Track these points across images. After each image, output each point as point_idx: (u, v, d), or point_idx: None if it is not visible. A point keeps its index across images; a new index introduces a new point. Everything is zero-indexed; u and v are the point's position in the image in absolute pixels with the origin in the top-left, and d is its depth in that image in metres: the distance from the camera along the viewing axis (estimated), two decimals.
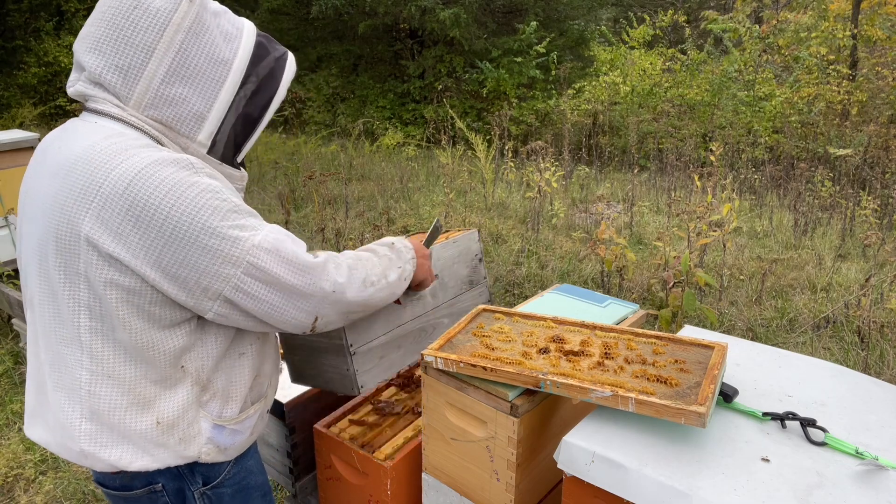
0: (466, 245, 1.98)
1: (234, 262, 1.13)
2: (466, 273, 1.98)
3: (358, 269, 1.33)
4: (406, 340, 1.76)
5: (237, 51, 1.23)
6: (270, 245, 1.17)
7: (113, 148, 1.12)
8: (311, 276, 1.22)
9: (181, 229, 1.09)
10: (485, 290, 2.06)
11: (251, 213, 1.20)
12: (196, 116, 1.20)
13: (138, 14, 1.14)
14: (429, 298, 1.81)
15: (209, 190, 1.13)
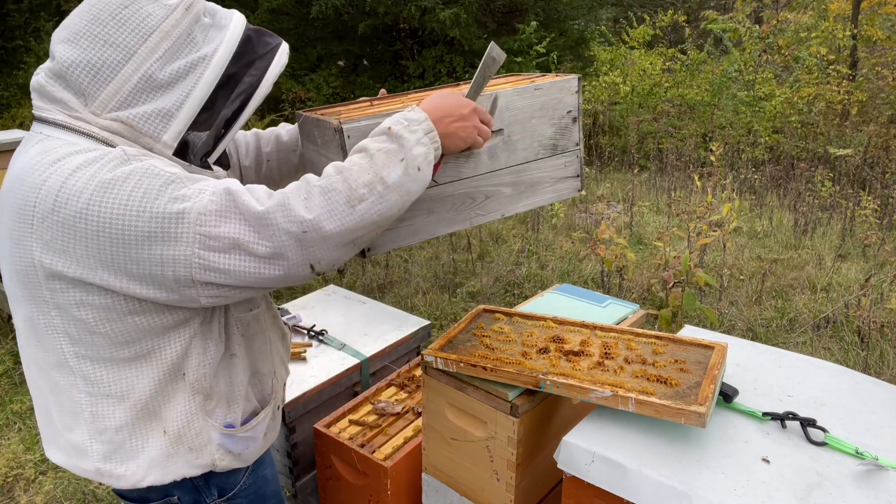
0: (556, 95, 1.51)
1: (185, 240, 1.02)
2: (550, 133, 1.52)
3: (336, 189, 1.09)
4: (442, 205, 1.41)
5: (218, 47, 1.16)
6: (218, 206, 1.04)
7: (41, 163, 1.06)
8: (267, 227, 1.05)
9: (119, 226, 1.01)
10: (574, 162, 1.58)
11: (192, 177, 1.08)
12: (162, 114, 1.11)
13: (127, 14, 1.09)
14: (484, 158, 1.43)
15: (137, 174, 1.03)
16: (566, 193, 1.60)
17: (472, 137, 1.28)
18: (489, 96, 1.38)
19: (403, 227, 1.37)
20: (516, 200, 1.52)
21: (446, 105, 1.25)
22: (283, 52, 1.24)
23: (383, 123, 1.19)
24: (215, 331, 1.21)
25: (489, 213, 1.48)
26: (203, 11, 1.17)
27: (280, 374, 1.44)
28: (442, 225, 1.42)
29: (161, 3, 1.11)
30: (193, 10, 1.14)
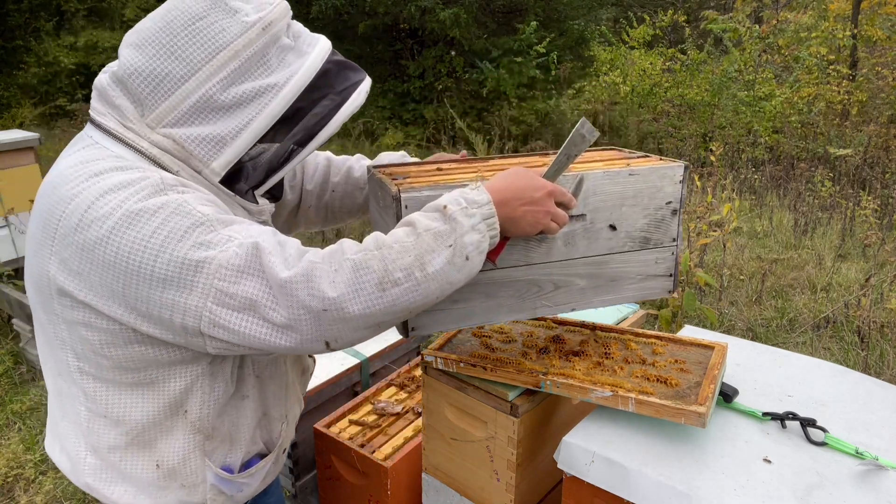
0: (655, 183, 1.32)
1: (200, 291, 0.95)
2: (642, 224, 1.34)
3: (370, 268, 0.98)
4: (503, 291, 1.27)
5: (291, 77, 1.06)
6: (241, 261, 0.96)
7: (79, 174, 1.01)
8: (286, 296, 0.96)
9: (136, 262, 0.95)
10: (668, 259, 1.39)
11: (227, 221, 1.00)
12: (216, 141, 1.04)
13: (200, 26, 1.02)
14: (559, 244, 1.28)
15: (167, 209, 0.96)
16: (653, 294, 1.42)
17: (543, 223, 1.14)
18: (573, 176, 1.24)
19: (456, 309, 1.25)
20: (591, 295, 1.36)
21: (517, 186, 1.11)
22: (361, 92, 1.14)
23: (441, 198, 1.07)
24: (227, 371, 1.13)
25: (557, 304, 1.33)
26: (285, 32, 1.09)
27: (293, 414, 1.35)
28: (501, 312, 1.29)
29: (238, 18, 1.03)
30: (272, 31, 1.06)
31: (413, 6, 10.15)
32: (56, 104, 11.12)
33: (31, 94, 11.45)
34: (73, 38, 11.60)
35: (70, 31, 11.78)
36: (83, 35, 11.62)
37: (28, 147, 4.04)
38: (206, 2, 1.03)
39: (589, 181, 1.26)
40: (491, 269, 1.22)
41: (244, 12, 1.04)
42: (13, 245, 4.04)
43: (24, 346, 3.63)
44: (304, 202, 1.50)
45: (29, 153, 4.06)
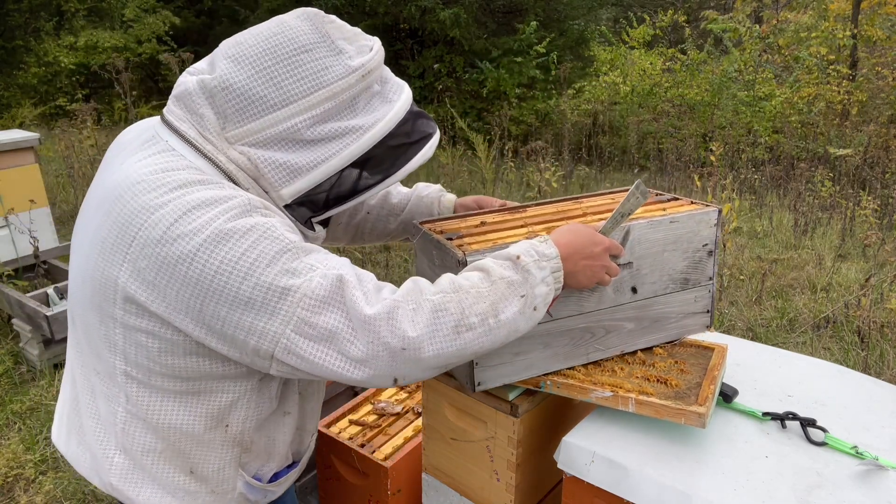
0: (692, 228, 1.42)
1: (282, 318, 0.95)
2: (682, 266, 1.44)
3: (448, 310, 1.01)
4: (559, 340, 1.35)
5: (376, 124, 1.08)
6: (326, 292, 0.97)
7: (161, 183, 0.99)
8: (368, 333, 0.97)
9: (222, 282, 0.94)
10: (705, 297, 1.50)
11: (308, 249, 1.00)
12: (291, 170, 1.04)
13: (304, 59, 1.02)
14: (608, 292, 1.37)
15: (257, 231, 0.96)
16: (692, 330, 1.52)
17: (599, 276, 1.21)
18: (621, 228, 1.33)
19: (518, 362, 1.33)
20: (638, 336, 1.45)
21: (579, 242, 1.18)
22: (431, 146, 1.16)
23: (512, 248, 1.12)
24: (273, 388, 1.14)
25: (609, 348, 1.42)
26: (377, 79, 1.11)
27: (316, 426, 1.37)
28: (557, 360, 1.37)
29: (342, 60, 1.04)
30: (369, 79, 1.07)
31: (413, 6, 10.15)
32: (56, 104, 11.12)
33: (31, 94, 11.45)
34: (73, 38, 11.59)
35: (70, 31, 11.77)
36: (83, 35, 11.61)
37: (28, 147, 4.03)
38: (315, 36, 1.04)
39: (635, 231, 1.35)
40: (547, 320, 1.30)
41: (348, 54, 1.05)
42: (13, 245, 4.03)
43: (24, 346, 3.63)
44: (334, 218, 1.49)
45: (29, 153, 4.06)
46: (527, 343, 1.33)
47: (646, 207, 1.53)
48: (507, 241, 1.32)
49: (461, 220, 1.51)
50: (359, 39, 1.10)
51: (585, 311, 1.37)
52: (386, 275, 4.77)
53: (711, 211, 1.44)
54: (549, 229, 1.39)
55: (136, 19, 12.13)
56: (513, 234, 1.38)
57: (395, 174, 1.13)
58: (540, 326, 1.32)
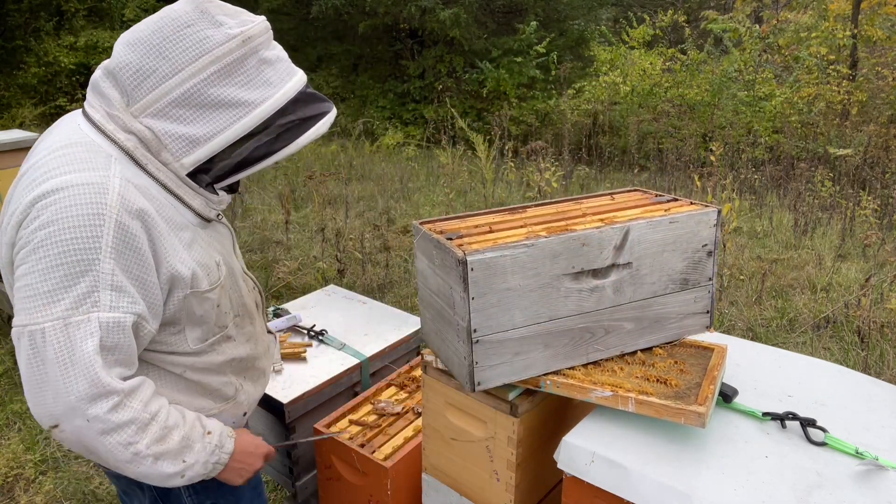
0: (692, 228, 1.42)
1: (32, 316, 1.06)
2: (681, 267, 1.44)
3: (137, 430, 1.13)
4: (558, 340, 1.37)
5: (266, 100, 1.20)
6: (79, 332, 1.06)
7: (61, 158, 1.13)
8: (81, 387, 1.06)
9: (35, 253, 1.07)
10: (704, 297, 1.50)
11: (116, 287, 1.09)
12: (190, 141, 1.18)
13: (186, 33, 1.14)
14: (608, 292, 1.38)
15: (88, 240, 1.07)
16: (692, 330, 1.52)
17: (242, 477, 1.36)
18: (620, 228, 1.35)
19: (518, 362, 1.34)
20: (637, 336, 1.46)
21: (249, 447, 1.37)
22: (324, 123, 1.28)
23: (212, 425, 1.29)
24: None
25: (608, 348, 1.43)
26: (266, 48, 1.21)
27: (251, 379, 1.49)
28: (557, 360, 1.38)
29: (222, 30, 1.16)
30: (251, 44, 1.18)
31: (413, 6, 10.15)
32: (56, 104, 11.12)
33: (31, 94, 11.44)
34: (73, 38, 11.59)
35: (70, 31, 11.76)
36: (83, 35, 11.61)
37: (28, 147, 4.02)
38: (196, 13, 1.16)
39: (634, 231, 1.36)
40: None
41: (228, 25, 1.17)
42: None
43: None
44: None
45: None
46: (527, 343, 1.33)
47: (646, 207, 1.53)
48: (507, 240, 1.32)
49: (461, 220, 1.51)
50: (240, 15, 1.21)
51: (585, 311, 1.38)
52: (386, 275, 4.77)
53: (711, 211, 1.44)
54: (548, 229, 1.39)
55: (136, 19, 12.12)
56: (513, 234, 1.38)
57: (288, 147, 1.25)
58: (540, 326, 1.33)
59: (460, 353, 1.33)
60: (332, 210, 6.28)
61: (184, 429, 1.22)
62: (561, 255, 1.31)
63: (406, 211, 6.41)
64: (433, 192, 7.09)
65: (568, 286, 1.34)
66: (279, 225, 5.74)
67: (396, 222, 5.96)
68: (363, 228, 5.55)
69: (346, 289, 2.97)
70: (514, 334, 1.32)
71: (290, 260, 5.07)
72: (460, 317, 1.29)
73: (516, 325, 1.31)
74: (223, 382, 1.36)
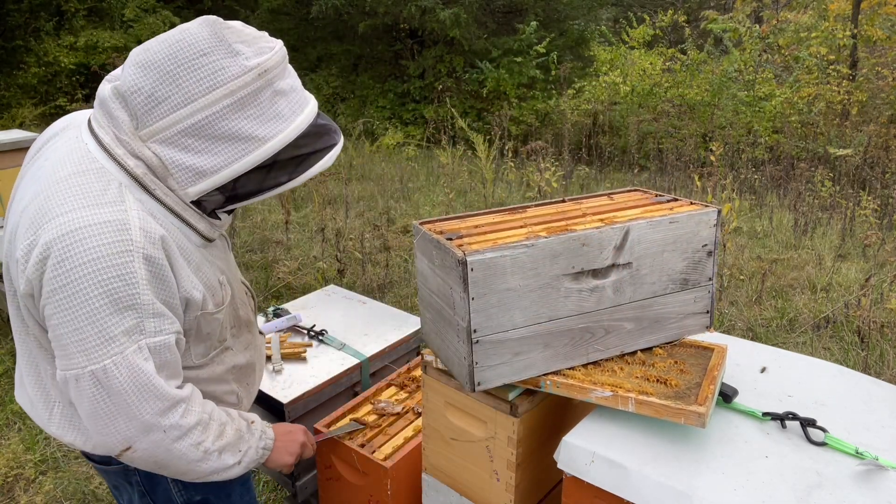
0: (692, 228, 1.42)
1: (92, 357, 1.10)
2: (681, 267, 1.44)
3: (202, 430, 1.24)
4: (559, 340, 1.37)
5: (277, 135, 1.19)
6: (138, 358, 1.12)
7: (74, 189, 1.12)
8: (155, 405, 1.16)
9: (71, 299, 1.08)
10: (704, 297, 1.50)
11: (156, 314, 1.14)
12: (197, 172, 1.16)
13: (202, 62, 1.12)
14: (608, 292, 1.38)
15: (123, 277, 1.09)
16: (692, 330, 1.52)
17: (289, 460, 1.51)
18: (620, 228, 1.35)
19: (518, 362, 1.34)
20: (637, 336, 1.46)
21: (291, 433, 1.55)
22: (331, 156, 1.28)
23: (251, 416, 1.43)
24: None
25: (608, 348, 1.43)
26: (281, 77, 1.19)
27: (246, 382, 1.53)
28: (557, 360, 1.38)
29: (238, 61, 1.13)
30: (267, 77, 1.16)
31: (413, 6, 10.15)
32: (56, 104, 11.12)
33: (31, 94, 11.44)
34: (73, 38, 11.59)
35: (70, 31, 11.76)
36: (83, 35, 11.61)
37: (28, 147, 4.03)
38: (212, 41, 1.13)
39: (634, 231, 1.36)
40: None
41: (245, 56, 1.14)
42: None
43: None
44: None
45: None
46: (527, 343, 1.33)
47: (646, 207, 1.53)
48: (507, 240, 1.32)
49: (461, 220, 1.51)
50: (258, 42, 1.18)
51: (585, 311, 1.37)
52: (386, 275, 4.77)
53: (711, 211, 1.44)
54: (548, 229, 1.39)
55: (136, 19, 12.13)
56: (513, 234, 1.38)
57: (295, 180, 1.25)
58: (540, 326, 1.33)
59: (460, 353, 1.33)
60: (332, 210, 6.28)
61: (234, 422, 1.34)
62: (561, 255, 1.31)
63: (406, 211, 6.41)
64: (433, 192, 7.08)
65: (568, 286, 1.34)
66: (279, 225, 5.74)
67: (396, 222, 5.96)
68: (363, 228, 5.55)
69: (346, 289, 2.97)
70: (513, 334, 1.32)
71: (290, 260, 5.07)
72: (460, 317, 1.29)
73: (516, 325, 1.31)
74: (226, 391, 1.42)
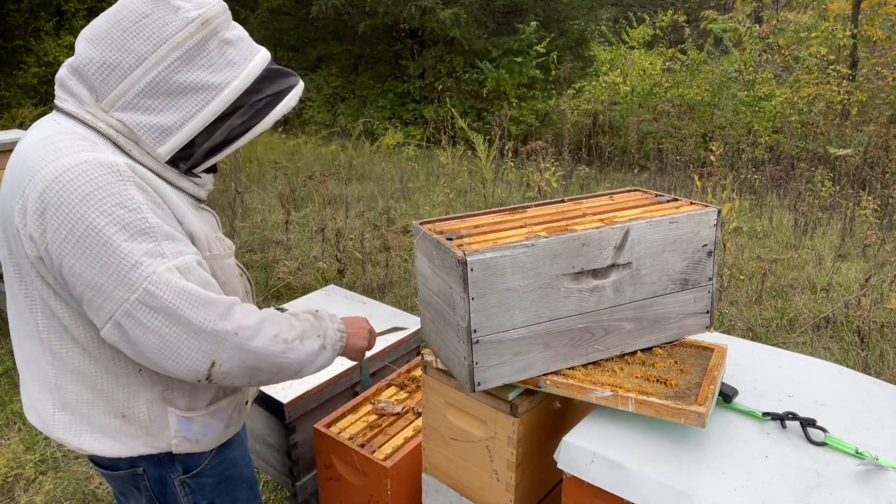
0: (692, 228, 1.43)
1: (129, 286, 1.09)
2: (681, 267, 1.45)
3: (271, 323, 1.23)
4: (558, 340, 1.37)
5: (232, 81, 1.21)
6: (173, 276, 1.11)
7: (50, 147, 1.12)
8: (212, 311, 1.14)
9: (84, 240, 1.07)
10: (704, 297, 1.50)
11: (169, 236, 1.14)
12: (162, 131, 1.18)
13: (145, 23, 1.14)
14: (608, 292, 1.38)
15: (125, 205, 1.09)
16: (692, 330, 1.52)
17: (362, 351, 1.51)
18: (620, 228, 1.35)
19: (518, 362, 1.34)
20: (637, 336, 1.46)
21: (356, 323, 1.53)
22: (292, 96, 1.28)
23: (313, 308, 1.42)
24: None
25: (608, 348, 1.43)
26: (226, 28, 1.22)
27: None
28: (557, 360, 1.38)
29: (180, 14, 1.16)
30: (210, 26, 1.19)
31: (413, 6, 10.15)
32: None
33: (31, 94, 11.43)
34: (72, 38, 11.57)
35: (70, 31, 11.75)
36: None
37: None
38: (152, 2, 1.16)
39: (634, 231, 1.36)
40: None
41: (185, 9, 1.17)
42: None
43: None
44: None
45: None
46: (527, 343, 1.33)
47: (646, 207, 1.53)
48: (507, 240, 1.32)
49: (461, 220, 1.51)
50: None
51: (585, 311, 1.38)
52: (386, 275, 4.77)
53: (711, 211, 1.44)
54: (548, 229, 1.39)
55: None
56: (513, 234, 1.38)
57: (260, 125, 1.26)
58: (540, 326, 1.33)
59: (460, 353, 1.33)
60: (332, 210, 6.28)
61: (298, 316, 1.33)
62: (561, 255, 1.31)
63: (406, 211, 6.41)
64: (433, 192, 7.08)
65: (568, 286, 1.34)
66: (279, 225, 5.74)
67: (396, 222, 5.96)
68: (363, 228, 5.55)
69: (346, 289, 2.97)
70: (513, 334, 1.32)
71: (290, 260, 5.07)
72: (460, 317, 1.29)
73: (516, 325, 1.31)
74: None
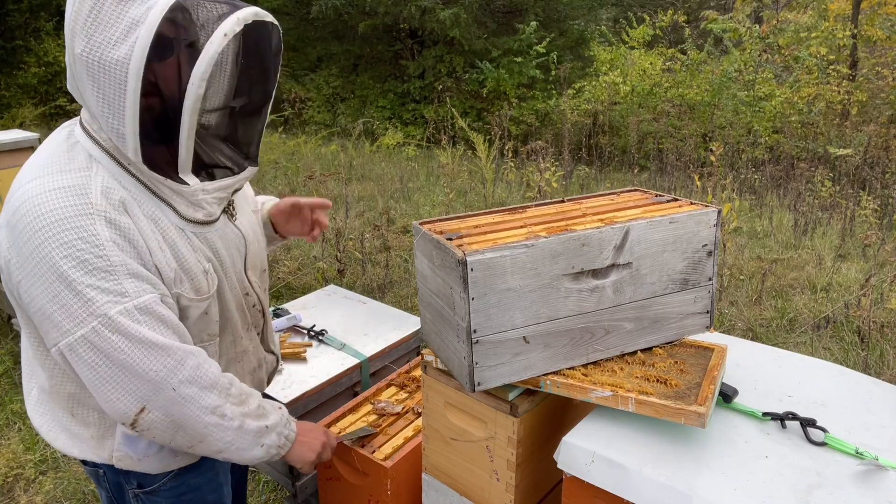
0: (692, 228, 1.42)
1: (77, 322, 1.07)
2: (681, 267, 1.45)
3: (219, 393, 1.19)
4: (558, 340, 1.37)
5: (133, 47, 1.00)
6: (125, 319, 1.08)
7: (39, 163, 1.12)
8: (159, 361, 1.11)
9: (40, 269, 1.05)
10: (704, 297, 1.49)
11: (133, 274, 1.09)
12: (117, 134, 1.09)
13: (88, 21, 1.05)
14: (608, 292, 1.38)
15: (88, 239, 1.05)
16: (692, 330, 1.52)
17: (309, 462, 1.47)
18: (620, 228, 1.35)
19: (518, 362, 1.33)
20: (637, 336, 1.46)
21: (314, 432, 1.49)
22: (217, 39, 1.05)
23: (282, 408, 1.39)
24: None
25: (609, 348, 1.43)
26: None
27: None
28: (557, 360, 1.38)
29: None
30: None
31: (413, 6, 10.15)
32: (56, 104, 11.12)
33: (31, 94, 11.44)
34: None
35: None
36: None
37: (28, 147, 4.03)
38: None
39: (635, 232, 1.36)
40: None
41: None
42: None
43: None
44: None
45: (29, 153, 4.06)
46: (526, 344, 1.33)
47: (646, 207, 1.53)
48: (507, 240, 1.32)
49: (461, 220, 1.51)
50: None
51: (585, 311, 1.38)
52: (386, 275, 4.77)
53: (711, 211, 1.44)
54: (548, 229, 1.39)
55: None
56: (513, 234, 1.38)
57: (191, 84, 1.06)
58: (540, 326, 1.33)
59: (460, 353, 1.33)
60: (332, 210, 6.28)
61: (257, 398, 1.30)
62: (561, 255, 1.31)
63: (406, 211, 6.41)
64: (433, 192, 7.08)
65: (568, 286, 1.34)
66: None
67: (396, 222, 5.95)
68: (363, 228, 5.55)
69: (346, 289, 2.97)
70: (513, 334, 1.31)
71: (290, 260, 5.07)
72: (460, 317, 1.29)
73: (516, 325, 1.31)
74: None
